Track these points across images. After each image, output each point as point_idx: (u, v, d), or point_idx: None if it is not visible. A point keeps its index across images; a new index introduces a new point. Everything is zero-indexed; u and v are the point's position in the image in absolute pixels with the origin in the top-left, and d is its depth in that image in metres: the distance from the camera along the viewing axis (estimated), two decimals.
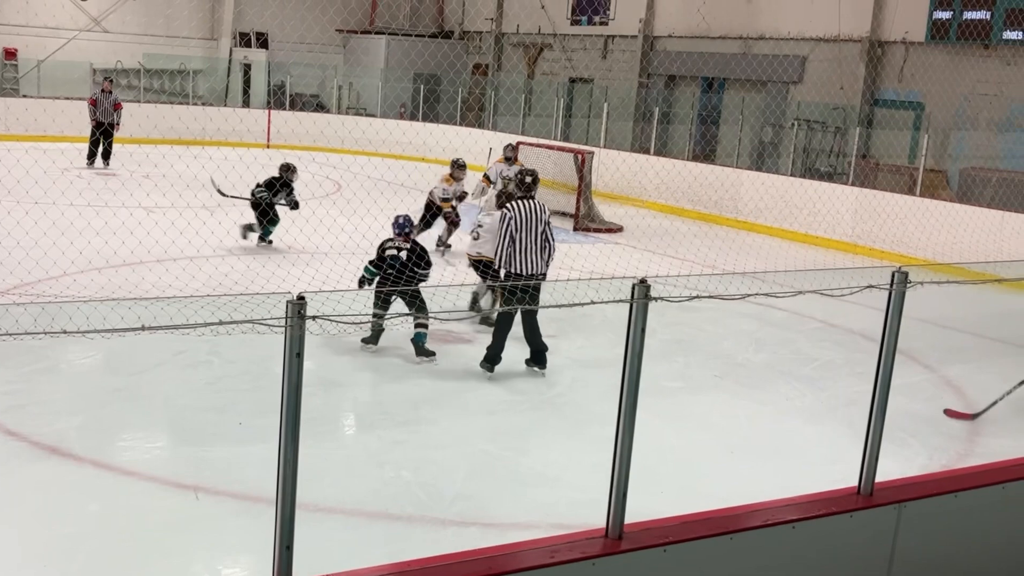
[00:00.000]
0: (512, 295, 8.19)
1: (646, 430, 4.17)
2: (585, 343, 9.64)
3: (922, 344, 9.87)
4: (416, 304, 8.48)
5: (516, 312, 8.28)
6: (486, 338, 8.80)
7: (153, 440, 7.03)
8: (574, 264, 13.47)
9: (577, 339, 9.67)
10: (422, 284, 8.66)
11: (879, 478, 4.81)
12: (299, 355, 3.23)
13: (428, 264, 8.77)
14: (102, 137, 19.83)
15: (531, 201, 8.50)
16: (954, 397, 8.97)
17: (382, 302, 8.61)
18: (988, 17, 17.41)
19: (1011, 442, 7.41)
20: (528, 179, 8.67)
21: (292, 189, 13.47)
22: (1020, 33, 17.01)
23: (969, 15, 17.67)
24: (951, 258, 14.14)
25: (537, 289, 7.53)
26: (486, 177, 15.73)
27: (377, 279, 8.79)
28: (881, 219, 15.95)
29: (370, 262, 8.98)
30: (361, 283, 8.91)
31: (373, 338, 8.86)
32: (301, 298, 3.17)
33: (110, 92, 20.37)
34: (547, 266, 8.58)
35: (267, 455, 3.54)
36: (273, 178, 13.36)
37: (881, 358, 4.56)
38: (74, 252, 10.48)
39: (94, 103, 20.18)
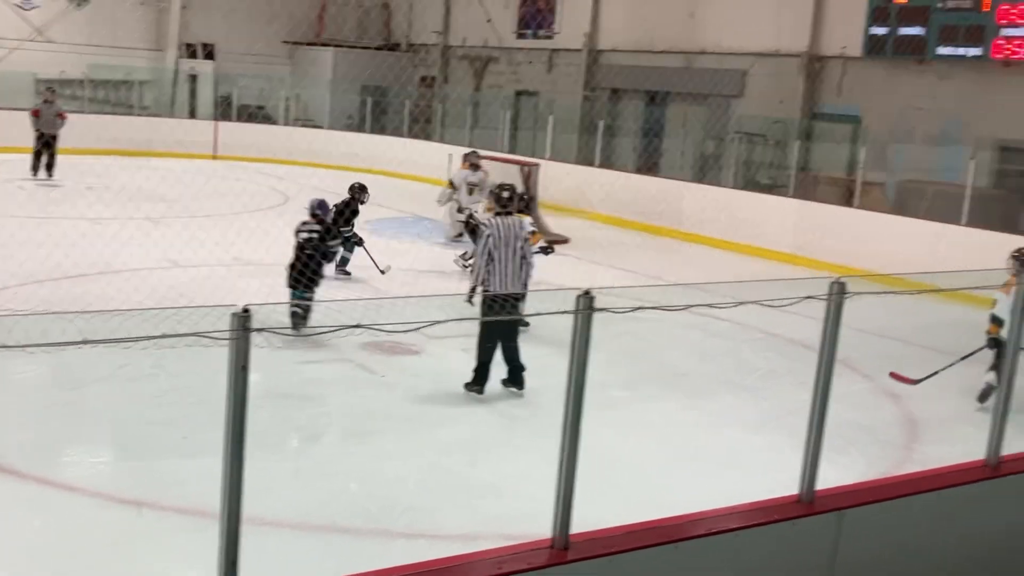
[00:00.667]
0: (490, 312, 8.16)
1: (593, 440, 4.22)
2: (535, 353, 9.70)
3: (861, 354, 10.05)
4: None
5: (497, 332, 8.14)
6: (435, 348, 8.83)
7: (97, 455, 6.96)
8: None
9: (526, 350, 9.72)
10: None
11: (821, 486, 4.92)
12: (244, 368, 3.22)
13: (335, 236, 9.10)
14: (44, 148, 19.50)
15: (509, 218, 8.37)
16: (892, 405, 9.17)
17: (306, 285, 8.89)
18: (923, 33, 17.83)
19: (948, 449, 7.57)
20: (504, 194, 8.51)
21: (357, 214, 12.85)
22: (954, 48, 17.43)
23: (904, 31, 18.08)
24: (889, 269, 14.41)
25: (516, 307, 7.68)
26: (450, 183, 16.02)
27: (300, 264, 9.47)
28: (821, 231, 16.24)
29: (290, 286, 9.56)
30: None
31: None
32: (246, 310, 3.17)
33: (52, 102, 20.04)
34: (525, 286, 8.36)
35: (213, 469, 3.54)
36: (344, 202, 12.74)
37: (820, 367, 4.67)
38: (15, 265, 10.34)
39: (37, 114, 19.85)
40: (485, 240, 8.27)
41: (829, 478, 5.19)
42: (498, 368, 8.41)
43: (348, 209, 12.59)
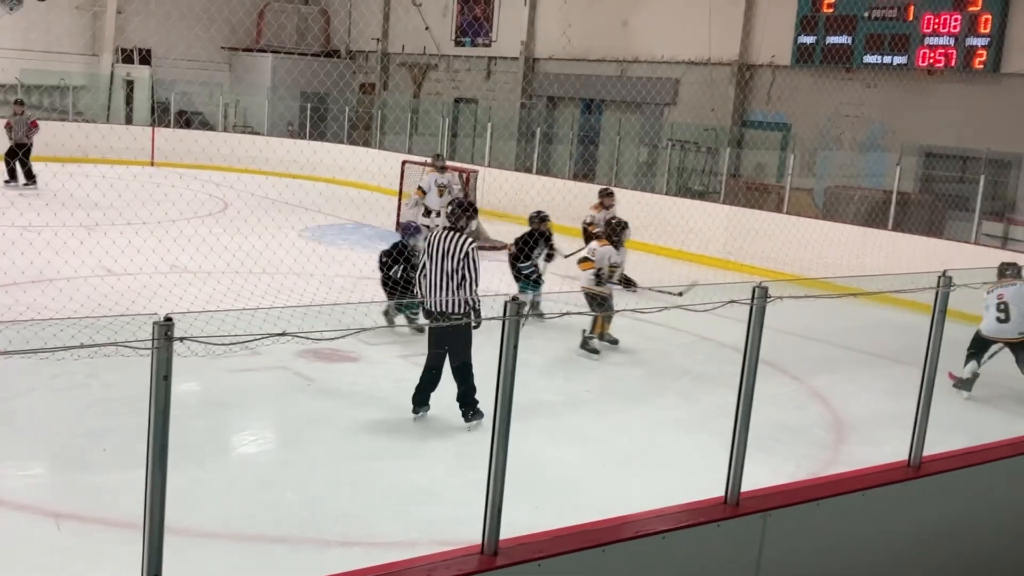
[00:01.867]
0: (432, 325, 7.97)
1: (524, 444, 4.28)
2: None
3: (789, 356, 10.28)
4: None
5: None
6: (374, 354, 8.83)
7: (24, 467, 6.87)
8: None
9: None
10: None
11: (750, 487, 5.02)
12: (166, 378, 3.21)
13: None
14: (18, 158, 19.80)
15: (450, 233, 7.95)
16: (820, 406, 9.38)
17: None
18: (850, 42, 18.24)
19: (874, 450, 7.77)
20: (457, 209, 8.21)
21: (550, 236, 12.08)
22: (879, 57, 17.86)
23: (832, 40, 18.48)
24: (817, 273, 14.73)
25: (465, 326, 7.50)
26: (420, 189, 16.13)
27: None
28: (751, 236, 16.52)
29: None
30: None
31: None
32: (168, 319, 3.18)
33: (22, 113, 20.28)
34: (458, 304, 7.88)
35: (142, 481, 3.55)
36: (527, 234, 11.82)
37: (744, 370, 4.78)
38: None
39: (9, 126, 19.98)
40: (423, 250, 8.15)
41: (759, 479, 5.31)
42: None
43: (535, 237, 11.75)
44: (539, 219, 12.05)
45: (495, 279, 13.89)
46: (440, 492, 6.68)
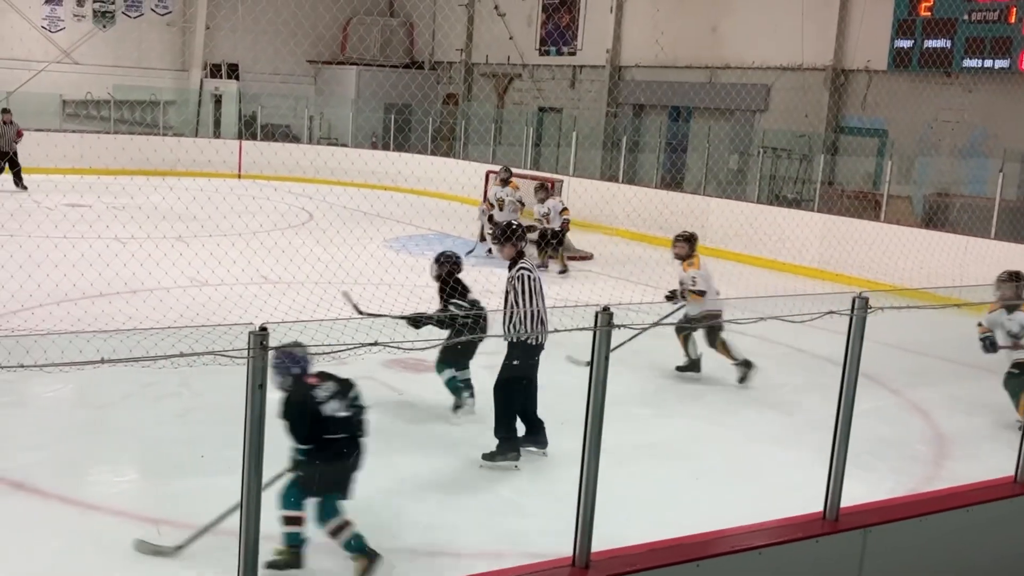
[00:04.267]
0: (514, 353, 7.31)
1: (615, 457, 4.19)
2: (554, 369, 9.65)
3: (888, 368, 9.96)
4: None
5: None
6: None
7: (120, 474, 6.97)
8: (545, 291, 13.46)
9: (546, 366, 9.67)
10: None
11: (846, 503, 4.86)
12: (261, 387, 3.23)
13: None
14: (8, 165, 21.11)
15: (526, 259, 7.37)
16: (920, 420, 9.06)
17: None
18: (948, 46, 17.71)
19: (977, 466, 7.47)
20: (500, 235, 7.53)
21: None
22: (980, 61, 17.30)
23: (930, 43, 17.96)
24: (916, 283, 14.30)
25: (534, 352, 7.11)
26: (488, 201, 16.68)
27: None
28: (847, 245, 16.12)
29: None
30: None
31: None
32: (263, 329, 3.18)
33: (11, 122, 21.28)
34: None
35: (235, 487, 3.53)
36: None
37: (844, 383, 4.62)
38: (50, 284, 10.39)
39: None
40: (530, 283, 7.27)
41: (857, 494, 5.12)
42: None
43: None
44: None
45: (585, 289, 13.82)
46: (525, 504, 6.60)
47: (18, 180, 21.14)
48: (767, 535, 4.61)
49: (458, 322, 7.60)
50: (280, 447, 3.17)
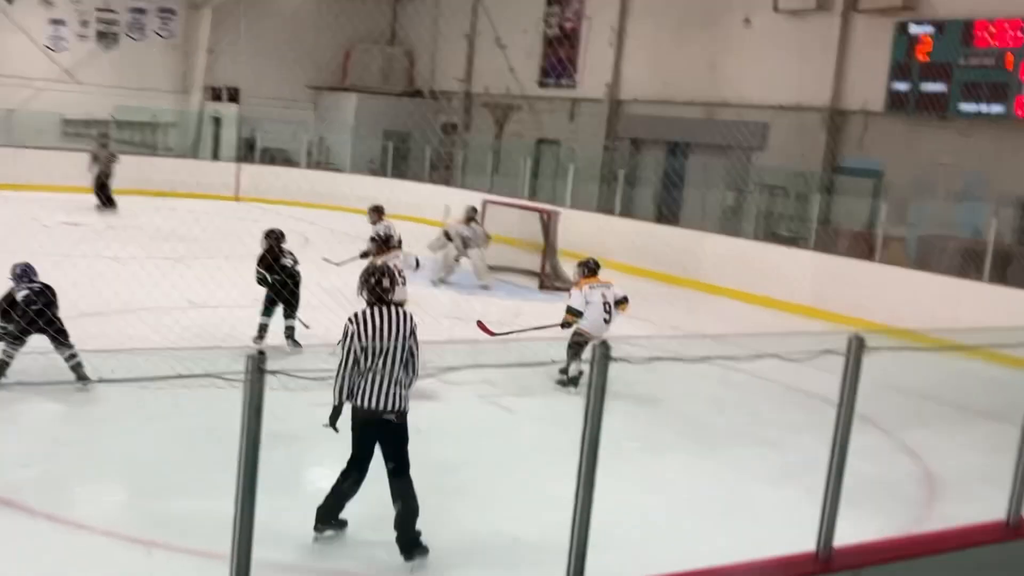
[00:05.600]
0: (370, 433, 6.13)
1: (605, 491, 4.18)
2: (546, 401, 9.65)
3: (879, 407, 9.96)
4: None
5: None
6: (452, 394, 8.76)
7: (110, 494, 6.94)
8: (539, 323, 13.51)
9: (538, 396, 9.68)
10: None
11: (838, 542, 4.85)
12: (258, 410, 3.22)
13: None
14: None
15: (387, 308, 6.15)
16: (911, 461, 9.07)
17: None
18: (945, 89, 17.84)
19: (969, 508, 7.45)
20: (380, 280, 6.19)
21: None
22: (976, 105, 17.42)
23: (927, 87, 18.09)
24: (909, 324, 14.33)
25: (402, 431, 5.98)
26: (445, 233, 16.71)
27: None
28: (841, 284, 16.17)
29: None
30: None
31: None
32: (261, 352, 3.18)
33: (107, 146, 22.06)
34: (405, 400, 6.15)
35: (226, 510, 3.52)
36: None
37: (838, 423, 4.62)
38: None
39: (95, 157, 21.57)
40: (348, 338, 6.06)
41: (846, 534, 5.11)
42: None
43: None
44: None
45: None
46: (516, 534, 6.57)
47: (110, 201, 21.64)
48: (759, 573, 4.60)
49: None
50: (274, 471, 3.14)
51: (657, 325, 14.16)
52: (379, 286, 6.15)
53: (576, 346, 10.06)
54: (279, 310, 10.86)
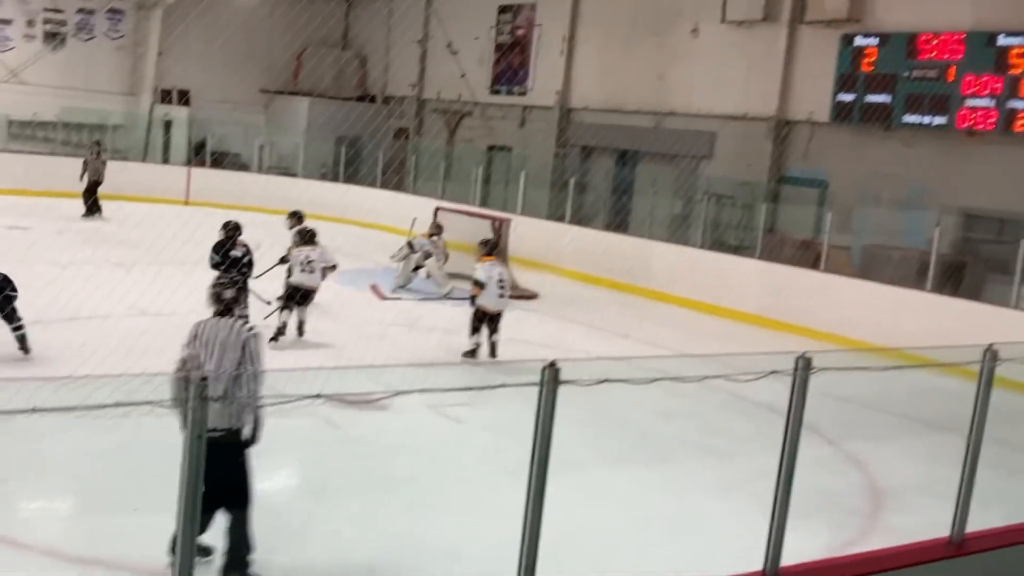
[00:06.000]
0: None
1: (555, 503, 4.20)
2: (495, 410, 9.65)
3: (824, 418, 10.08)
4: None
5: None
6: (404, 402, 8.76)
7: (51, 510, 6.83)
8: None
9: (488, 408, 9.68)
10: None
11: (785, 555, 4.90)
12: (200, 437, 3.19)
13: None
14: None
15: (225, 319, 5.97)
16: (857, 472, 9.20)
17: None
18: (889, 101, 18.15)
19: (912, 520, 7.61)
20: (222, 291, 6.09)
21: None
22: (919, 117, 17.74)
23: (871, 98, 18.39)
24: (854, 333, 14.54)
25: (232, 454, 5.48)
26: (409, 244, 16.95)
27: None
28: (787, 293, 16.37)
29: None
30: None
31: None
32: (204, 379, 3.15)
33: (99, 155, 21.93)
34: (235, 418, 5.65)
35: (169, 526, 3.49)
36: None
37: (785, 443, 4.68)
38: None
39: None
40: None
41: (793, 547, 5.18)
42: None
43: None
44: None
45: (530, 329, 13.85)
46: (461, 551, 6.56)
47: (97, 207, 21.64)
48: None
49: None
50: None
51: (607, 332, 14.26)
52: (220, 297, 6.04)
53: (477, 320, 11.68)
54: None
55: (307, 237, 12.62)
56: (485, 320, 11.69)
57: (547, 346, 12.77)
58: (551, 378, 3.84)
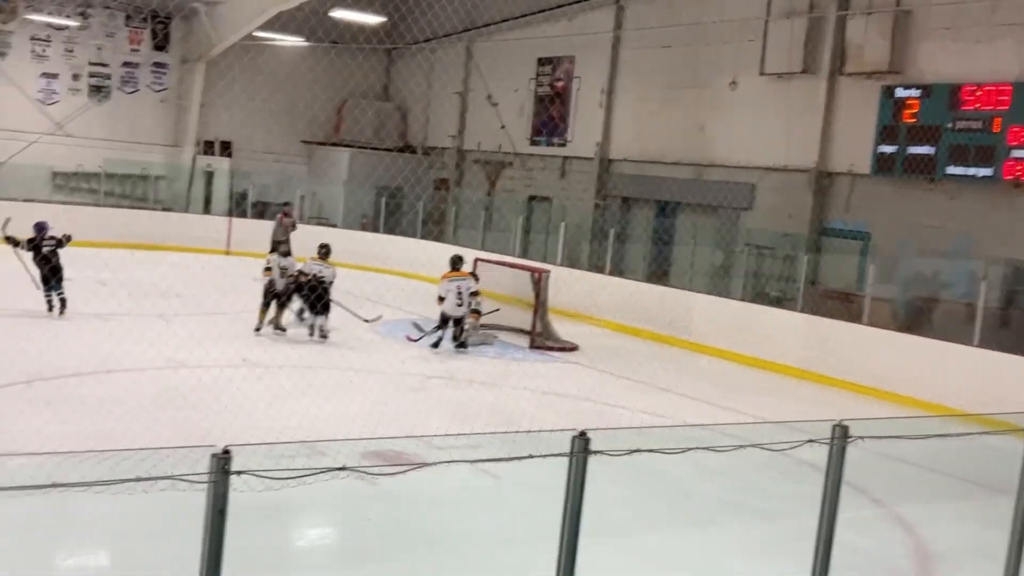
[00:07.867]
0: None
1: (592, 567, 4.09)
2: (533, 465, 9.52)
3: (870, 476, 9.87)
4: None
5: None
6: (441, 458, 8.66)
7: (82, 570, 6.79)
8: (529, 383, 13.46)
9: (525, 462, 9.55)
10: None
11: None
12: (222, 512, 3.13)
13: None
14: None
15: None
16: (903, 534, 8.95)
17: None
18: (933, 152, 17.93)
19: None
20: None
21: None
22: (964, 168, 17.50)
23: (914, 150, 18.18)
24: (897, 388, 14.27)
25: None
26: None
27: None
28: (829, 346, 16.13)
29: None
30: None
31: None
32: (226, 452, 3.10)
33: (289, 215, 22.82)
34: None
35: None
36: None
37: (823, 512, 4.55)
38: (25, 361, 10.30)
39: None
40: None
41: None
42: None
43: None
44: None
45: (568, 382, 13.73)
46: None
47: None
48: None
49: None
50: (236, 543, 3.02)
51: (647, 386, 14.11)
52: None
53: (443, 321, 15.59)
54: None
55: (321, 252, 16.21)
56: (450, 321, 15.59)
57: (588, 399, 12.66)
58: (580, 448, 3.74)
